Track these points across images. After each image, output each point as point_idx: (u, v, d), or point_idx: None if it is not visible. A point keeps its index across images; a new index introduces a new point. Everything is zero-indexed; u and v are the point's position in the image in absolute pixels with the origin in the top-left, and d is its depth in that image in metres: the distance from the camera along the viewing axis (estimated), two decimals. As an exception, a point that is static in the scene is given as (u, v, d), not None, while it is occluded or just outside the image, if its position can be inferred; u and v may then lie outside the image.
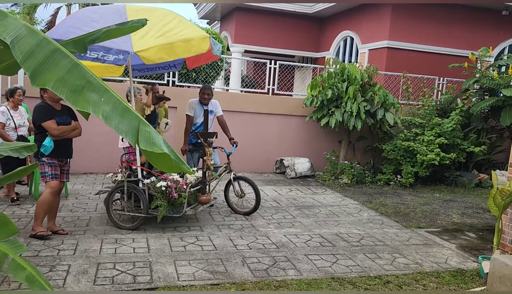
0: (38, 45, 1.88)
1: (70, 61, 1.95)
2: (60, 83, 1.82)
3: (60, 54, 1.94)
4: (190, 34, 4.98)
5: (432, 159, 8.47)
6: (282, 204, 6.88)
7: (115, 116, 1.91)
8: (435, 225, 6.25)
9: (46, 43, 1.91)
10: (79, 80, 1.89)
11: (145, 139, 1.95)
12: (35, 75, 1.79)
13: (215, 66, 10.94)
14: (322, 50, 15.67)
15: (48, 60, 1.87)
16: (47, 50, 1.89)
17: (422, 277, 4.26)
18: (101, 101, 1.89)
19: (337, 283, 3.95)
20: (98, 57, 4.50)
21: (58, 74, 1.84)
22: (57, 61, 1.90)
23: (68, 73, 1.88)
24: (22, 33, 1.86)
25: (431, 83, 10.84)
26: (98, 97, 1.90)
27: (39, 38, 1.90)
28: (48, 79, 1.81)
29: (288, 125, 9.65)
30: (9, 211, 5.55)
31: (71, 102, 1.81)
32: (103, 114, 1.86)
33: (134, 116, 2.00)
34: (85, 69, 1.99)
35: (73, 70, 1.91)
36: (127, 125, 1.93)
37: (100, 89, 1.94)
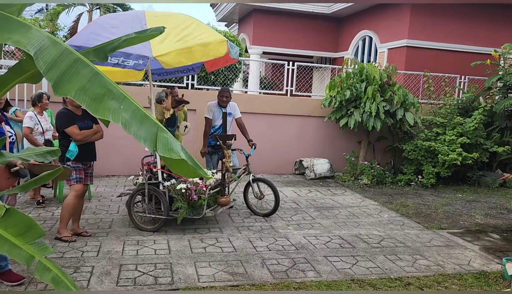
0: (60, 55, 1.95)
1: (91, 70, 2.02)
2: (81, 92, 1.89)
3: (81, 64, 2.00)
4: (208, 38, 5.04)
5: (454, 159, 8.32)
6: (301, 205, 6.88)
7: (134, 123, 1.97)
8: (458, 226, 6.14)
9: (68, 54, 1.99)
10: (100, 88, 1.96)
11: (163, 145, 2.00)
12: (58, 84, 1.86)
13: (233, 69, 11.01)
14: (340, 50, 15.58)
15: (69, 70, 1.93)
16: (69, 60, 1.96)
17: (444, 279, 4.20)
18: (120, 109, 1.95)
19: (357, 285, 3.94)
20: (118, 62, 4.59)
21: (80, 83, 1.91)
22: (78, 70, 1.97)
23: (89, 82, 1.95)
24: (45, 45, 1.94)
25: (452, 81, 10.66)
26: (118, 105, 1.96)
27: (61, 49, 1.97)
28: (70, 89, 1.88)
29: (307, 126, 9.63)
30: (35, 213, 5.71)
31: (92, 110, 1.88)
32: (122, 121, 1.92)
33: (153, 123, 2.05)
34: (105, 78, 2.05)
35: (94, 79, 1.98)
36: (146, 132, 1.99)
37: (119, 97, 2.00)
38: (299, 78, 10.39)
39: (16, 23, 2.04)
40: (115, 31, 4.78)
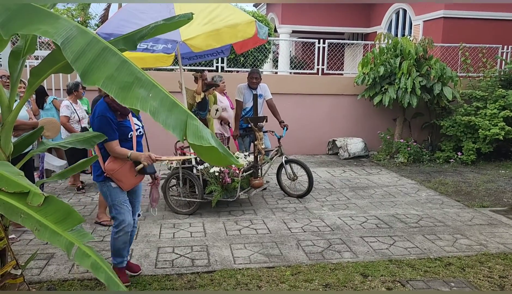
0: (88, 44, 1.94)
1: (119, 58, 2.00)
2: (109, 81, 1.88)
3: (109, 52, 1.98)
4: (236, 19, 4.97)
5: (496, 133, 7.95)
6: (335, 185, 6.79)
7: (163, 111, 1.94)
8: (501, 203, 5.90)
9: (95, 42, 1.97)
10: (128, 76, 1.93)
11: (192, 133, 1.96)
12: (86, 74, 1.86)
13: (263, 49, 10.88)
14: (373, 25, 15.09)
15: (97, 59, 1.92)
16: (97, 49, 1.95)
17: (487, 259, 4.05)
18: (149, 97, 1.92)
19: (395, 266, 3.86)
20: (147, 47, 4.61)
21: (108, 72, 1.89)
22: (106, 59, 1.95)
23: (117, 71, 1.93)
24: (73, 34, 1.93)
25: (493, 52, 10.11)
26: (146, 93, 1.93)
27: (88, 38, 1.96)
28: (98, 78, 1.87)
29: (340, 105, 9.44)
30: (75, 199, 5.91)
31: (120, 99, 1.86)
32: (151, 109, 1.89)
33: (182, 111, 2.02)
34: (133, 66, 2.02)
35: (122, 67, 1.96)
36: (175, 120, 1.95)
37: (148, 84, 1.98)
38: (330, 56, 10.15)
39: (44, 13, 2.04)
40: (143, 16, 4.79)
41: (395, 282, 3.56)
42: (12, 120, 2.52)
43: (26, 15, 1.96)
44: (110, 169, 3.25)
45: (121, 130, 3.30)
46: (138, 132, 3.47)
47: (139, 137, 3.48)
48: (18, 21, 1.92)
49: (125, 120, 3.36)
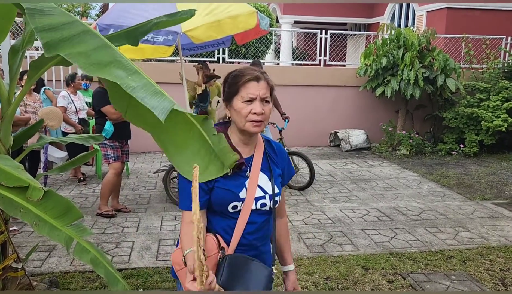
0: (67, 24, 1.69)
1: (100, 41, 1.73)
2: (80, 56, 1.60)
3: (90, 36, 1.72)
4: (237, 10, 4.91)
5: (499, 125, 7.91)
6: (337, 178, 6.78)
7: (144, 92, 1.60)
8: (503, 196, 5.88)
9: (78, 24, 1.75)
10: (106, 57, 1.67)
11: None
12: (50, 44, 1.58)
13: (264, 40, 10.81)
14: (375, 15, 14.96)
15: (73, 38, 1.66)
16: (75, 30, 1.70)
17: (488, 252, 4.04)
18: (128, 78, 1.63)
19: (396, 259, 3.86)
20: (148, 38, 4.57)
21: (81, 49, 1.64)
22: (84, 40, 1.69)
23: (94, 51, 1.66)
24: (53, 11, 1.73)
25: (497, 43, 10.02)
26: (125, 75, 1.64)
27: (71, 19, 1.76)
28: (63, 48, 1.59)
29: (342, 97, 9.39)
30: (76, 190, 5.92)
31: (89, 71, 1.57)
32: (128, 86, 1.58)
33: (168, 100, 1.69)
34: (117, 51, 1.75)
35: (101, 49, 1.70)
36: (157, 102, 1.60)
37: (130, 69, 1.68)
38: (332, 47, 10.07)
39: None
40: (144, 7, 4.74)
41: (396, 275, 3.56)
42: (12, 113, 2.50)
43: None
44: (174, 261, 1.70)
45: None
46: (260, 205, 1.67)
47: (260, 215, 1.69)
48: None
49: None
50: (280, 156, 1.79)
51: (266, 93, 1.60)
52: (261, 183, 1.67)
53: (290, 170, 1.85)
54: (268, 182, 1.69)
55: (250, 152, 1.69)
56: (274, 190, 1.68)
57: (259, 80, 1.59)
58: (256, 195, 1.64)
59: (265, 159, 1.71)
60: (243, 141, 1.67)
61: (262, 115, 1.58)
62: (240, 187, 1.64)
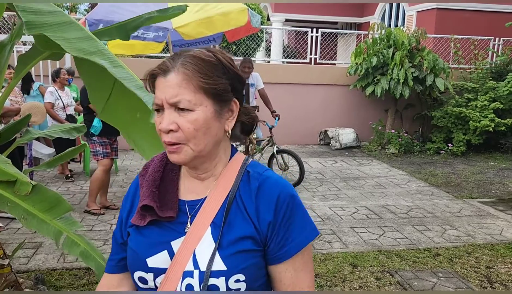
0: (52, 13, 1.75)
1: (84, 33, 1.80)
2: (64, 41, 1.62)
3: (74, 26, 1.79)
4: (228, 7, 4.91)
5: (486, 125, 8.01)
6: (327, 176, 6.81)
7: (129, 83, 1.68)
8: (489, 195, 5.96)
9: (61, 15, 1.79)
10: (90, 47, 1.70)
11: None
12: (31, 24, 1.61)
13: (255, 38, 10.80)
14: (366, 14, 15.04)
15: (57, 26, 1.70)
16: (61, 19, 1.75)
17: (474, 249, 4.09)
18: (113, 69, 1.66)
19: (384, 256, 3.89)
20: (138, 34, 4.55)
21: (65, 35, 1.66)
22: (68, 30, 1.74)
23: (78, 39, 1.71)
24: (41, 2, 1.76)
25: (485, 44, 10.14)
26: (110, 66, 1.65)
27: (55, 9, 1.80)
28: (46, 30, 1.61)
29: (332, 95, 9.43)
30: (64, 187, 5.86)
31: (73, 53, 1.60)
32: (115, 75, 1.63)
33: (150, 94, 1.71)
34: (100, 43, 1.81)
35: (85, 39, 1.75)
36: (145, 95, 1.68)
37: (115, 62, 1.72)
38: (323, 45, 10.10)
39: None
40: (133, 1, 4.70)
41: (384, 273, 3.59)
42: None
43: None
44: None
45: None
46: (185, 286, 0.97)
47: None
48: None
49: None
50: (265, 204, 0.98)
51: (180, 95, 0.91)
52: (200, 248, 0.96)
53: (293, 233, 0.99)
54: (210, 246, 0.95)
55: (204, 191, 1.02)
56: (211, 263, 0.93)
57: (167, 73, 0.93)
58: (186, 268, 0.95)
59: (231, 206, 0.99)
60: (190, 174, 1.05)
61: (174, 134, 0.93)
62: (156, 248, 0.99)
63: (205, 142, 0.95)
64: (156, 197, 1.02)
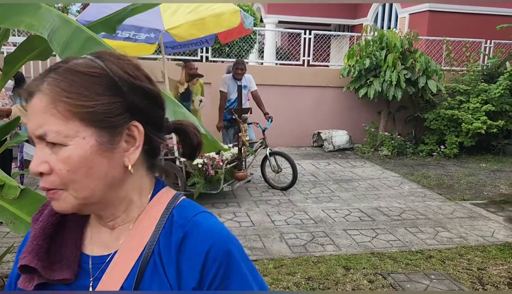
0: (72, 35, 1.90)
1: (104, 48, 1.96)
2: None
3: (93, 42, 1.94)
4: (221, 8, 4.89)
5: (478, 127, 8.06)
6: (320, 178, 6.80)
7: None
8: (481, 197, 5.99)
9: (79, 32, 1.93)
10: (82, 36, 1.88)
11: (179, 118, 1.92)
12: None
13: (248, 40, 10.78)
14: (359, 16, 15.09)
15: (82, 50, 1.88)
16: (81, 39, 1.91)
17: (466, 251, 4.10)
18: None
19: (377, 258, 3.88)
20: (129, 36, 4.51)
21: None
22: (90, 49, 1.91)
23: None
24: (56, 25, 1.89)
25: (476, 46, 10.21)
26: None
27: (72, 28, 1.92)
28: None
29: (325, 97, 9.44)
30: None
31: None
32: None
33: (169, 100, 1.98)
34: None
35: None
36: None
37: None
38: (316, 47, 10.11)
39: (25, 4, 1.97)
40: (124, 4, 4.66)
41: (377, 275, 3.58)
42: (-15, 109, 2.42)
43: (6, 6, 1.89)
44: None
45: None
46: None
47: None
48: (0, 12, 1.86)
49: None
50: (188, 263, 0.74)
51: (45, 124, 0.70)
52: None
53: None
54: None
55: (115, 244, 0.78)
56: None
57: (32, 95, 0.71)
58: None
59: (146, 266, 0.75)
60: (98, 221, 0.81)
61: (47, 178, 0.72)
62: None
63: (90, 186, 0.71)
64: (42, 252, 0.77)
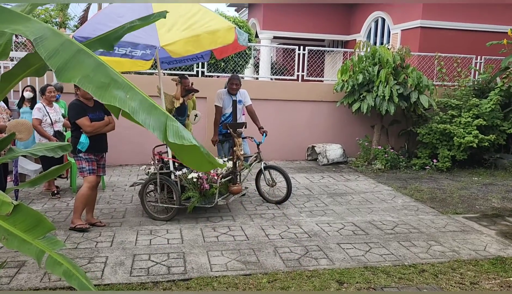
0: (62, 45, 1.92)
1: (95, 60, 1.98)
2: (86, 80, 1.86)
3: (84, 54, 1.97)
4: (216, 25, 4.97)
5: (470, 141, 8.16)
6: (314, 191, 6.84)
7: (142, 112, 1.93)
8: (474, 210, 6.04)
9: (69, 44, 1.95)
10: (104, 77, 1.91)
11: (173, 133, 1.95)
12: (61, 71, 1.84)
13: (243, 55, 10.90)
14: (352, 32, 15.30)
15: (72, 59, 1.90)
16: (71, 50, 1.93)
17: (459, 265, 4.13)
18: (127, 98, 1.92)
19: (370, 273, 3.90)
20: (126, 53, 4.57)
21: (84, 72, 1.88)
22: (81, 60, 1.94)
23: (93, 71, 1.91)
24: (46, 34, 1.91)
25: (467, 62, 10.38)
26: (124, 94, 1.92)
27: (62, 40, 1.94)
28: (73, 76, 1.85)
29: (319, 112, 9.53)
30: (50, 204, 5.79)
31: (98, 96, 1.85)
32: (129, 109, 1.88)
33: (161, 113, 2.01)
34: (110, 68, 2.01)
35: (98, 68, 1.94)
36: (155, 121, 1.94)
37: (125, 86, 1.96)
38: (310, 62, 10.24)
39: (16, 15, 2.02)
40: (121, 20, 4.70)
41: (370, 289, 3.60)
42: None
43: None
44: None
45: None
46: None
47: None
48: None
49: None
50: None
51: None
52: None
53: None
54: None
55: None
56: None
57: None
58: None
59: None
60: None
61: None
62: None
63: None
64: None
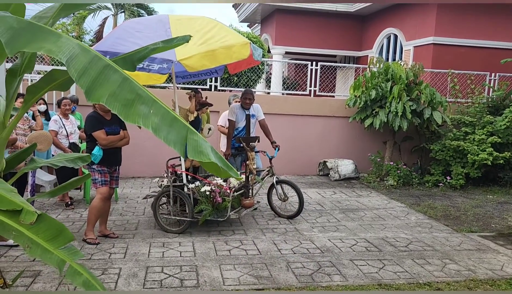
0: (90, 62, 1.99)
1: (120, 75, 2.06)
2: (112, 98, 1.93)
3: (110, 70, 2.04)
4: (231, 40, 5.04)
5: (485, 158, 8.07)
6: (326, 207, 6.81)
7: (164, 126, 2.00)
8: (489, 229, 5.95)
9: (97, 60, 2.03)
10: (130, 93, 2.00)
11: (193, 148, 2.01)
12: (90, 91, 1.91)
13: (256, 69, 11.00)
14: (364, 48, 15.36)
15: (100, 76, 1.98)
16: (99, 66, 2.00)
17: (475, 284, 4.07)
18: (150, 113, 1.99)
19: (384, 290, 3.86)
20: (143, 66, 4.65)
21: (110, 89, 1.95)
22: (108, 76, 2.01)
23: (119, 88, 1.99)
24: (75, 52, 1.98)
25: (481, 79, 10.34)
26: (148, 109, 2.01)
27: (91, 56, 2.01)
28: (101, 95, 1.92)
29: (331, 127, 9.54)
30: (64, 215, 5.84)
31: (123, 116, 1.92)
32: (152, 126, 1.96)
33: (182, 125, 2.08)
34: (134, 83, 2.08)
35: (124, 84, 2.02)
36: (176, 136, 2.01)
37: (149, 101, 2.04)
38: (322, 78, 10.29)
39: (47, 32, 2.09)
40: (139, 35, 4.84)
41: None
42: (6, 136, 2.52)
43: (29, 34, 2.01)
44: None
45: None
46: None
47: None
48: (22, 39, 1.97)
49: None
50: None
51: None
52: None
53: None
54: None
55: None
56: None
57: None
58: None
59: None
60: None
61: None
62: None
63: None
64: None
